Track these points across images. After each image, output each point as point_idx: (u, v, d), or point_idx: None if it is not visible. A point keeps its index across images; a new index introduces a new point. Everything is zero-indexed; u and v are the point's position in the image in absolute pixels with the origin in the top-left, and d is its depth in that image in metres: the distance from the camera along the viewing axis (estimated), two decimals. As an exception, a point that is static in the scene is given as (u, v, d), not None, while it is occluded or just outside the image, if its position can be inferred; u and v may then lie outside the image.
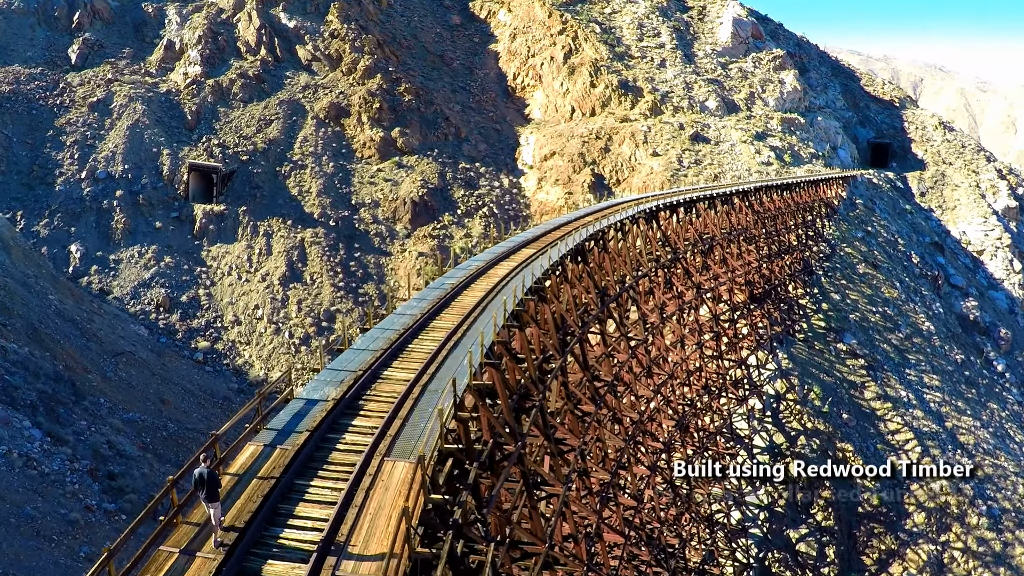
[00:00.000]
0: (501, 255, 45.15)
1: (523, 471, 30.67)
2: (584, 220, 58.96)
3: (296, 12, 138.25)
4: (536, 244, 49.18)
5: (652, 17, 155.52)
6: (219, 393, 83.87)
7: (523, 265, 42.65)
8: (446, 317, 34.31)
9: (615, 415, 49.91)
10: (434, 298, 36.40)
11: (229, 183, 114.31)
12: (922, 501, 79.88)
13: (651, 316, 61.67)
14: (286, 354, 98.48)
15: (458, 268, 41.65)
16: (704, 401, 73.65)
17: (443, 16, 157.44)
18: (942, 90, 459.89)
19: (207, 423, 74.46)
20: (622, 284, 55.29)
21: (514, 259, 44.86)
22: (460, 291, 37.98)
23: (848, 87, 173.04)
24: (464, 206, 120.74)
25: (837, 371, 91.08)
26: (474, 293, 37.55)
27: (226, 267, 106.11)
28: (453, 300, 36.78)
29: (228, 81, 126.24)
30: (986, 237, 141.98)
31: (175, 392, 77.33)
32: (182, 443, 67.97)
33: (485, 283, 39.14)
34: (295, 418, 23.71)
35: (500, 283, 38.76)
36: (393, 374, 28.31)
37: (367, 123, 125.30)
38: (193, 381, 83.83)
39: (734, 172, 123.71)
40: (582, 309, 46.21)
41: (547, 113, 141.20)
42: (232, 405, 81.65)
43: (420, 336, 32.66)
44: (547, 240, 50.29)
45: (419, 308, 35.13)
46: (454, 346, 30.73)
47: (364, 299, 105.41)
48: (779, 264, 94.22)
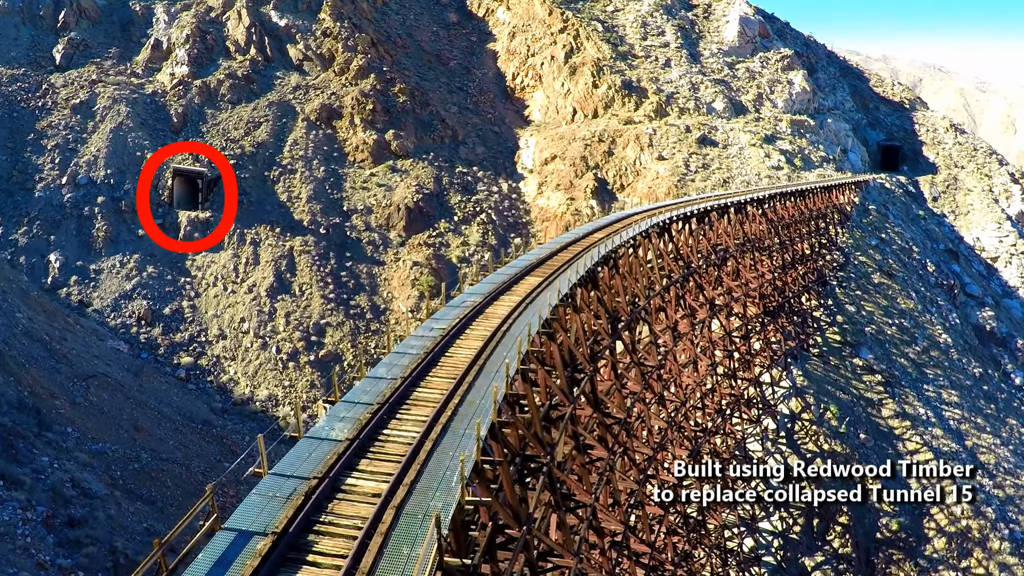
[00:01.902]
0: (502, 285, 39.38)
1: (528, 558, 25.97)
2: (593, 237, 53.94)
3: (288, 10, 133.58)
4: (541, 271, 43.31)
5: (656, 15, 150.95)
6: (198, 416, 78.90)
7: (527, 300, 37.04)
8: (432, 383, 26.94)
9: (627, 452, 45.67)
10: (418, 353, 29.32)
11: (215, 189, 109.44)
12: (943, 525, 76.81)
13: (664, 337, 57.52)
14: (273, 370, 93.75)
15: (451, 306, 35.38)
16: (716, 423, 69.69)
17: (440, 14, 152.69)
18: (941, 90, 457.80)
19: (184, 451, 69.58)
20: (634, 306, 50.78)
21: (516, 291, 39.04)
22: (452, 339, 31.38)
23: (857, 88, 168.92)
24: (461, 212, 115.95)
25: (854, 388, 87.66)
26: (469, 344, 31.08)
27: (211, 277, 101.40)
28: (443, 354, 29.81)
29: (216, 82, 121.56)
30: (1000, 243, 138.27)
31: (151, 417, 72.30)
32: (155, 476, 62.92)
33: (482, 329, 32.79)
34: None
35: (501, 328, 32.66)
36: (356, 485, 20.84)
37: (360, 125, 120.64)
38: (171, 403, 78.83)
39: (743, 177, 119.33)
40: (591, 339, 41.83)
41: (547, 115, 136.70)
42: (213, 430, 76.75)
43: (395, 420, 24.36)
44: (553, 265, 44.57)
45: (398, 369, 27.62)
46: (441, 433, 23.26)
47: (356, 311, 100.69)
48: (793, 275, 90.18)
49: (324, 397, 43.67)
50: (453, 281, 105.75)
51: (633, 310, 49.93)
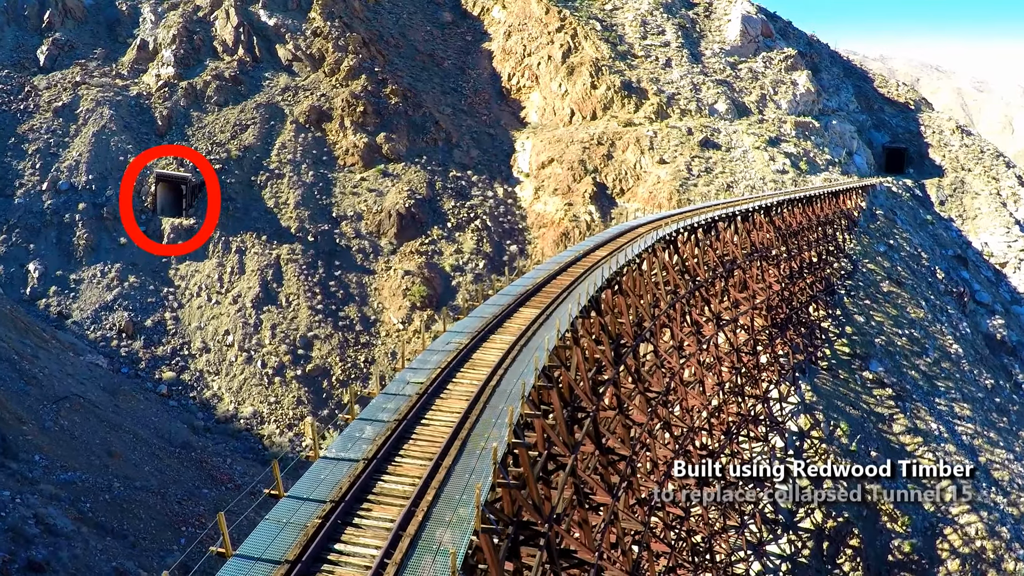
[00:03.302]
0: (493, 320, 34.47)
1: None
2: (595, 256, 49.90)
3: (277, 9, 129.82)
4: (538, 300, 38.32)
5: (656, 14, 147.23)
6: (177, 438, 74.82)
7: (522, 341, 32.19)
8: (401, 469, 21.33)
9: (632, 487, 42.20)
10: (387, 423, 23.64)
11: (200, 194, 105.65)
12: (956, 547, 73.41)
13: (670, 360, 53.95)
14: (258, 386, 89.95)
15: (432, 350, 30.04)
16: (722, 441, 66.67)
17: (434, 13, 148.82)
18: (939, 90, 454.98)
19: (160, 477, 65.55)
20: (639, 327, 47.03)
21: (509, 328, 34.10)
22: (430, 399, 25.79)
23: (861, 88, 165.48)
24: (455, 218, 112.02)
25: (864, 403, 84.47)
26: (450, 405, 25.40)
27: (195, 287, 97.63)
28: (417, 423, 24.15)
29: (202, 83, 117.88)
30: (1009, 248, 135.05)
31: (125, 441, 68.21)
32: (127, 508, 58.86)
33: (467, 384, 27.17)
34: None
35: (489, 382, 27.32)
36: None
37: (350, 128, 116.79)
38: (149, 424, 74.79)
39: (747, 181, 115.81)
40: (593, 369, 38.13)
41: (544, 116, 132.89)
42: (192, 453, 72.67)
43: (357, 521, 19.44)
44: (550, 292, 39.70)
45: (363, 446, 22.01)
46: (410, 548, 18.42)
47: (344, 323, 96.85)
48: (800, 285, 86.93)
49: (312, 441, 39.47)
50: (446, 291, 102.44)
51: (638, 332, 46.25)
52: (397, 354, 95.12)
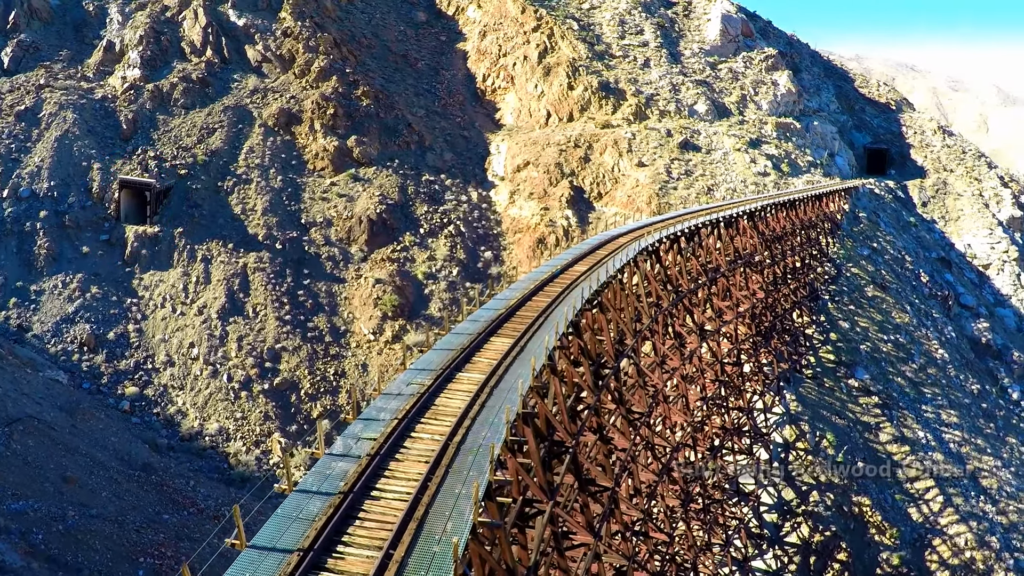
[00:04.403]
0: (461, 353, 30.75)
1: None
2: (573, 272, 46.82)
3: (246, 9, 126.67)
4: (511, 327, 35.22)
5: (634, 13, 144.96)
6: (137, 459, 71.46)
7: (493, 380, 28.61)
8: (348, 559, 17.71)
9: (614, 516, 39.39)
10: (336, 487, 20.17)
11: (165, 201, 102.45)
12: (945, 558, 71.96)
13: (652, 376, 51.28)
14: (224, 400, 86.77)
15: (387, 394, 26.39)
16: (706, 456, 64.56)
17: (408, 13, 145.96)
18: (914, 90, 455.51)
19: (118, 503, 62.24)
20: (621, 345, 44.27)
21: (478, 364, 30.13)
22: (388, 454, 22.36)
23: (842, 89, 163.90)
24: (428, 224, 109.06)
25: (850, 412, 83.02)
26: (406, 471, 21.59)
27: (159, 298, 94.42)
28: (372, 487, 20.66)
29: (169, 85, 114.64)
30: (992, 250, 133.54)
31: (82, 465, 64.85)
32: (82, 539, 55.51)
33: (428, 440, 23.59)
34: None
35: (453, 438, 23.66)
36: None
37: (320, 131, 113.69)
38: (108, 446, 71.41)
39: (728, 184, 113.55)
40: (572, 397, 35.25)
41: (520, 118, 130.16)
42: (152, 476, 69.32)
43: None
44: (525, 317, 36.26)
45: (301, 531, 18.29)
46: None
47: (313, 334, 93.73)
48: (784, 291, 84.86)
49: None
50: (418, 300, 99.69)
51: (619, 351, 43.48)
52: (368, 366, 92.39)
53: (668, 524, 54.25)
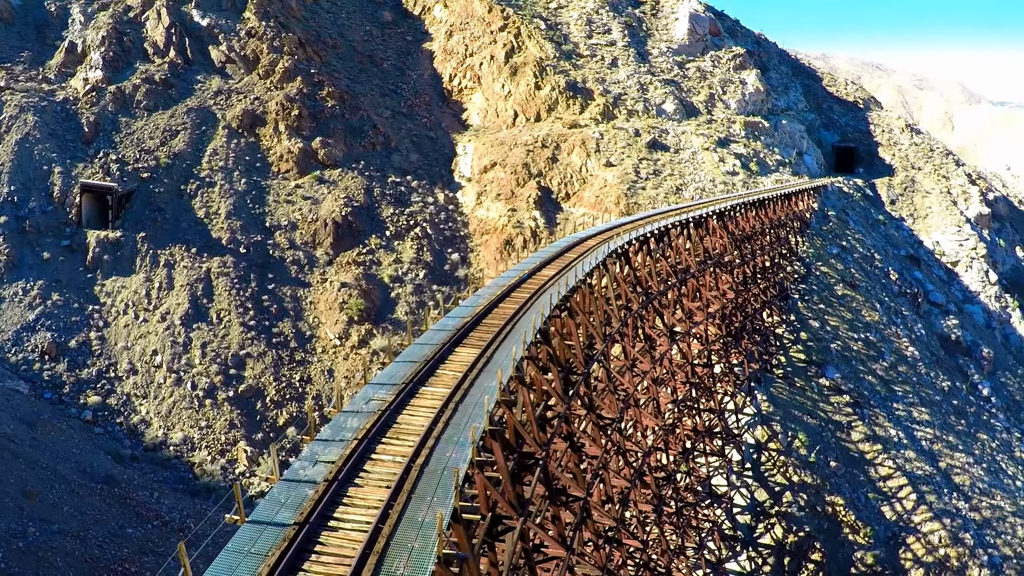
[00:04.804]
0: (425, 365, 29.20)
1: None
2: (542, 276, 45.71)
3: (210, 9, 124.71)
4: (478, 335, 33.90)
5: (602, 12, 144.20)
6: (100, 472, 69.70)
7: (458, 395, 27.25)
8: None
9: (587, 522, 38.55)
10: (291, 516, 18.70)
11: (127, 205, 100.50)
12: (920, 556, 71.98)
13: (623, 381, 50.38)
14: (188, 409, 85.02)
15: (348, 412, 24.83)
16: (680, 464, 64.04)
17: (374, 12, 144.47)
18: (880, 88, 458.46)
19: (80, 518, 60.58)
20: (590, 349, 43.28)
21: (442, 377, 28.70)
22: (347, 479, 20.91)
23: (809, 87, 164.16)
24: (394, 226, 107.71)
25: (821, 411, 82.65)
26: (366, 497, 20.17)
27: (121, 305, 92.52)
28: (330, 516, 19.25)
29: (132, 87, 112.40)
30: (960, 247, 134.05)
31: (43, 478, 63.04)
32: (43, 556, 53.86)
33: (390, 463, 22.16)
34: None
35: (415, 461, 22.17)
36: None
37: (285, 132, 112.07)
38: (70, 458, 69.62)
39: (697, 183, 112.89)
40: (542, 406, 34.16)
41: (487, 118, 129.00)
42: (115, 488, 67.59)
43: None
44: (492, 325, 35.40)
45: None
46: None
47: (279, 340, 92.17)
48: (754, 291, 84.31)
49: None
50: (385, 304, 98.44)
51: (589, 355, 42.49)
52: (335, 371, 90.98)
53: (641, 530, 53.56)
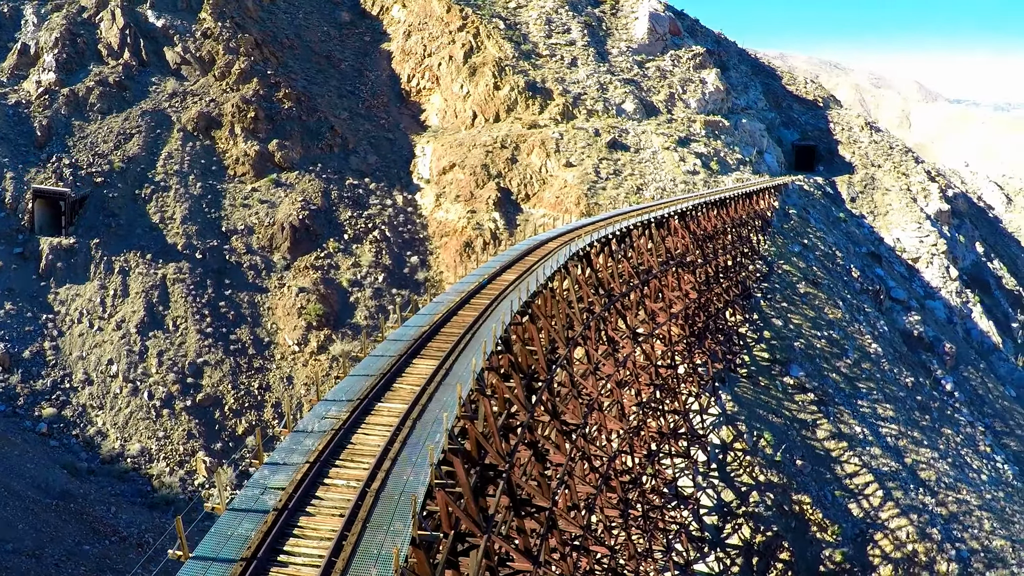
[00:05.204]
0: (380, 379, 27.96)
1: None
2: (503, 280, 44.75)
3: (165, 9, 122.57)
4: (436, 345, 32.75)
5: (561, 12, 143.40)
6: (55, 487, 67.79)
7: (416, 410, 26.09)
8: None
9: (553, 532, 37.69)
10: (237, 551, 17.57)
11: (80, 211, 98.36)
12: (888, 552, 72.10)
13: (586, 385, 49.52)
14: (145, 419, 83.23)
15: (300, 431, 23.49)
16: (645, 467, 63.04)
17: (331, 12, 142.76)
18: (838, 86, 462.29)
19: (35, 536, 58.80)
20: (552, 354, 42.35)
21: (400, 392, 27.40)
22: (298, 507, 19.69)
23: (769, 86, 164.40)
24: (352, 230, 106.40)
25: (786, 409, 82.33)
26: (319, 527, 19.16)
27: (76, 313, 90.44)
28: (280, 549, 18.14)
29: (85, 90, 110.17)
30: (921, 244, 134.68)
31: (-7, 495, 61.34)
32: (-4, 580, 52.40)
33: (344, 488, 20.99)
34: None
35: (373, 479, 21.17)
36: None
37: (241, 135, 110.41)
38: (24, 474, 67.64)
39: (658, 183, 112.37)
40: (505, 415, 33.16)
41: (445, 119, 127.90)
42: (72, 504, 65.80)
43: None
44: (451, 335, 34.23)
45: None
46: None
47: (236, 347, 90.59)
48: (716, 291, 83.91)
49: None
50: (344, 308, 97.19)
51: (551, 360, 41.57)
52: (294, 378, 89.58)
53: (608, 535, 52.81)
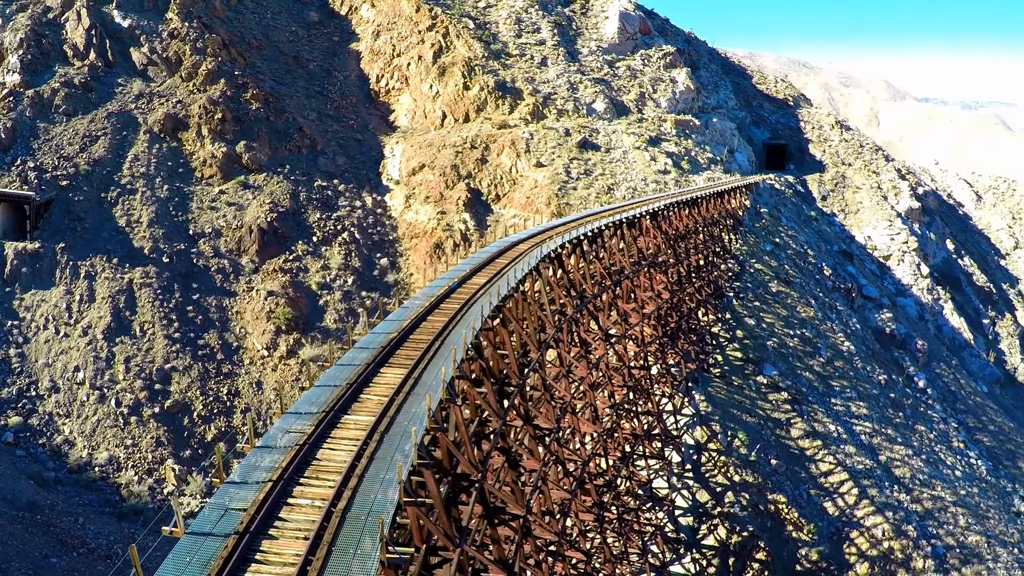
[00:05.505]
0: (347, 390, 26.95)
1: None
2: (472, 284, 44.03)
3: (132, 9, 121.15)
4: (405, 353, 31.76)
5: (531, 11, 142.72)
6: (21, 498, 66.51)
7: (384, 423, 25.13)
8: None
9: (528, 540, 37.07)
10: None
11: (45, 215, 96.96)
12: (864, 550, 72.21)
13: (559, 388, 48.88)
14: (113, 427, 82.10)
15: (263, 448, 22.32)
16: (620, 469, 62.73)
17: (300, 12, 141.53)
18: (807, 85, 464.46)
19: (2, 550, 57.62)
20: (525, 358, 41.71)
21: (367, 404, 26.40)
22: (260, 530, 18.66)
23: (740, 85, 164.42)
24: (320, 232, 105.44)
25: (760, 409, 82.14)
26: (282, 553, 18.05)
27: (41, 319, 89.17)
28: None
29: (50, 91, 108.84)
30: (892, 241, 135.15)
31: (-40, 509, 60.13)
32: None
33: (309, 509, 19.89)
34: None
35: (339, 498, 20.17)
36: None
37: (208, 136, 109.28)
38: (-11, 485, 66.58)
39: (629, 183, 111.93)
40: (476, 422, 32.44)
41: (415, 120, 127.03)
42: (38, 516, 64.55)
43: None
44: (421, 341, 33.34)
45: None
46: None
47: (204, 352, 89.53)
48: (689, 290, 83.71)
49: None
50: (313, 312, 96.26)
51: (523, 364, 40.93)
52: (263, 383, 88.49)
53: (584, 539, 52.34)
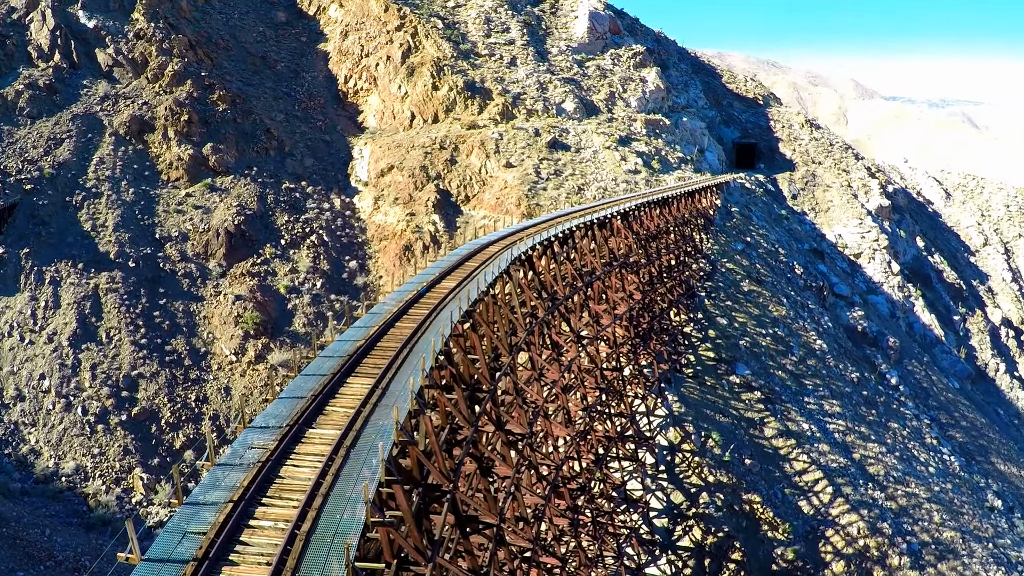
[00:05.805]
0: (311, 402, 26.00)
1: None
2: (442, 288, 43.29)
3: (97, 10, 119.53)
4: (371, 362, 30.78)
5: (500, 11, 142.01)
6: (-15, 515, 65.64)
7: (349, 438, 24.08)
8: None
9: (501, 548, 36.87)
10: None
11: (9, 220, 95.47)
12: (840, 548, 72.50)
13: (531, 392, 48.34)
14: (80, 436, 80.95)
15: (224, 465, 21.36)
16: (593, 472, 62.26)
17: (267, 12, 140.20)
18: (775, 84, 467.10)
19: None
20: (496, 362, 41.08)
21: (332, 416, 25.43)
22: (220, 556, 17.74)
23: (709, 84, 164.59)
24: (289, 235, 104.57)
25: (733, 409, 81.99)
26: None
27: (6, 326, 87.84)
28: None
29: (14, 93, 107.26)
30: (862, 239, 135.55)
31: (-81, 523, 58.89)
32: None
33: (271, 531, 18.92)
34: None
35: (303, 518, 19.34)
36: None
37: (174, 139, 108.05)
38: (-48, 501, 65.36)
39: (599, 183, 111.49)
40: (447, 430, 31.76)
41: (383, 121, 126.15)
42: (5, 528, 63.39)
43: None
44: (387, 350, 32.40)
45: None
46: None
47: (172, 358, 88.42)
48: (660, 291, 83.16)
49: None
50: (282, 316, 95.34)
51: (494, 368, 40.30)
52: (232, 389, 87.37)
53: (558, 544, 51.65)
